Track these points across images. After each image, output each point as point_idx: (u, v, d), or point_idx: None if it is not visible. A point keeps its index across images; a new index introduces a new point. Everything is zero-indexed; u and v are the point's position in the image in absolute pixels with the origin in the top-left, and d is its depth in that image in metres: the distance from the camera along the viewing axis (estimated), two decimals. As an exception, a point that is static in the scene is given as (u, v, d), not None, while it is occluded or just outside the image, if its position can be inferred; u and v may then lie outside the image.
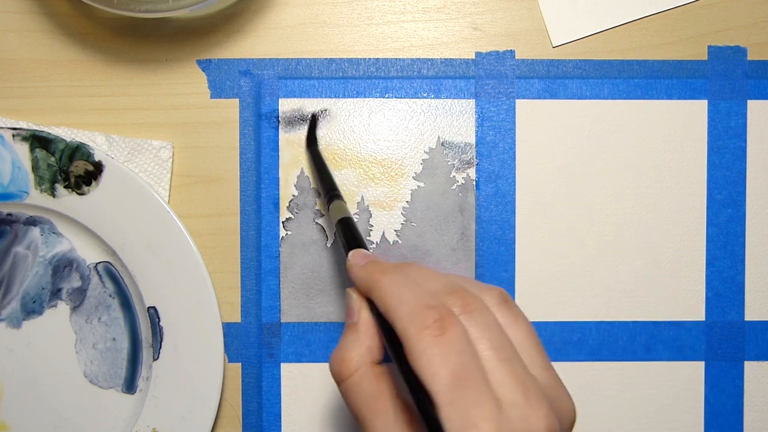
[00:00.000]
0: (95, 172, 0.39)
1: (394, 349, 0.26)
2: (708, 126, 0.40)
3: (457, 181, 0.40)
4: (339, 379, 0.28)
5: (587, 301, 0.40)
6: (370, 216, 0.40)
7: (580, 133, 0.40)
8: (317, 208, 0.40)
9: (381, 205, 0.40)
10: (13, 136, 0.39)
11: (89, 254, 0.40)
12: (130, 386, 0.40)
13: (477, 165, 0.40)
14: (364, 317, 0.29)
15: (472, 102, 0.40)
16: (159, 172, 0.40)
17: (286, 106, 0.40)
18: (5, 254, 0.40)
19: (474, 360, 0.25)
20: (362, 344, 0.28)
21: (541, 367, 0.27)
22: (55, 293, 0.40)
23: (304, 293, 0.40)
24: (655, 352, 0.40)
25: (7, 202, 0.39)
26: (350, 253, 0.31)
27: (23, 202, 0.39)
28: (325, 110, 0.40)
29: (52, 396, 0.40)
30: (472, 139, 0.40)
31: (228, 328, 0.40)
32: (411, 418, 0.27)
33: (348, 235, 0.33)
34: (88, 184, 0.39)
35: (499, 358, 0.26)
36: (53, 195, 0.39)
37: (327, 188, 0.37)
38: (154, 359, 0.39)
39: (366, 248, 0.32)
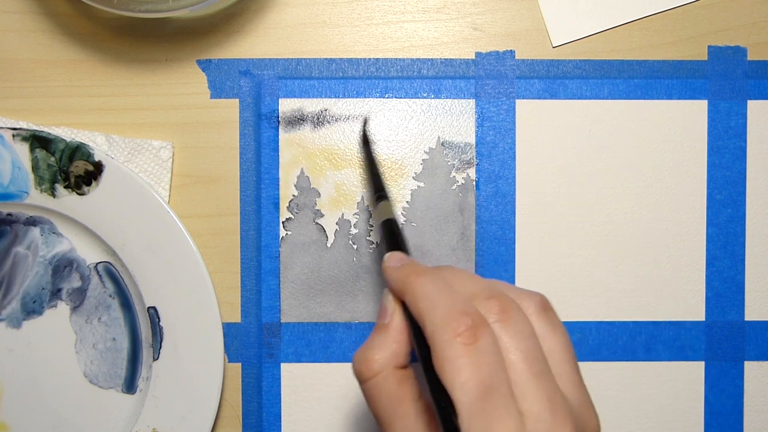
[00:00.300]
0: (95, 172, 0.39)
1: (422, 354, 0.26)
2: (708, 126, 0.40)
3: (457, 181, 0.40)
4: (361, 378, 0.28)
5: (587, 301, 0.40)
6: (370, 216, 0.40)
7: (580, 133, 0.40)
8: (317, 208, 0.40)
9: (381, 205, 0.40)
10: (13, 136, 0.39)
11: (89, 254, 0.40)
12: (130, 386, 0.40)
13: (477, 165, 0.40)
14: (396, 320, 0.28)
15: (472, 102, 0.40)
16: (159, 172, 0.40)
17: (286, 106, 0.40)
18: (5, 254, 0.40)
19: (502, 371, 0.25)
20: (388, 348, 0.28)
21: (572, 383, 0.27)
22: (55, 293, 0.40)
23: (304, 293, 0.40)
24: (655, 352, 0.40)
25: (7, 202, 0.39)
26: (387, 255, 0.31)
27: (23, 202, 0.39)
28: (325, 110, 0.40)
29: (52, 396, 0.40)
30: (472, 139, 0.40)
31: (228, 328, 0.40)
32: (431, 421, 0.27)
33: (390, 237, 0.33)
34: (88, 184, 0.39)
35: (530, 371, 0.25)
36: (53, 195, 0.39)
37: (376, 188, 0.37)
38: (154, 359, 0.39)
39: (407, 252, 0.31)
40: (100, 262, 0.40)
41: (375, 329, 0.29)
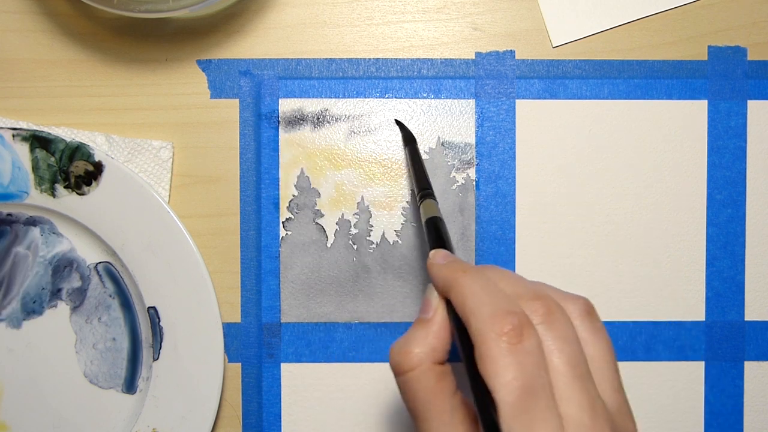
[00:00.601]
0: (95, 172, 0.39)
1: (465, 351, 0.26)
2: (708, 126, 0.40)
3: (457, 181, 0.40)
4: (398, 371, 0.28)
5: (587, 301, 0.40)
6: (370, 216, 0.40)
7: (580, 133, 0.40)
8: (317, 208, 0.40)
9: (381, 205, 0.40)
10: (13, 136, 0.39)
11: (89, 254, 0.40)
12: (130, 386, 0.40)
13: (477, 165, 0.40)
14: (439, 317, 0.28)
15: (472, 102, 0.40)
16: (159, 172, 0.40)
17: (286, 106, 0.40)
18: (5, 254, 0.40)
19: (545, 374, 0.25)
20: (429, 343, 0.28)
21: (612, 389, 0.27)
22: (55, 293, 0.40)
23: (304, 293, 0.40)
24: (655, 352, 0.40)
25: (7, 202, 0.39)
26: (432, 252, 0.31)
27: (23, 202, 0.39)
28: (325, 110, 0.40)
29: (52, 396, 0.40)
30: (472, 139, 0.40)
31: (228, 328, 0.40)
32: (466, 416, 0.27)
33: (434, 235, 0.33)
34: (88, 184, 0.39)
35: (572, 375, 0.25)
36: (53, 195, 0.39)
37: (421, 187, 0.36)
38: (154, 359, 0.39)
39: (451, 250, 0.31)
40: (100, 262, 0.40)
41: (416, 323, 0.29)
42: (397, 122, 0.40)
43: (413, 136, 0.39)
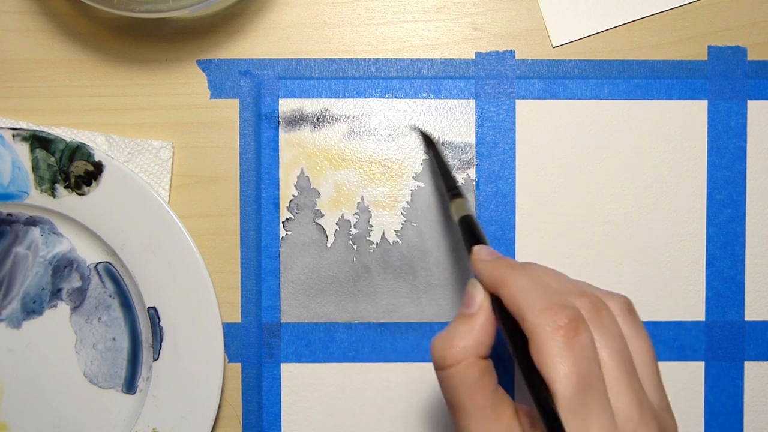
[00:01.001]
0: (95, 172, 0.39)
1: (516, 345, 0.26)
2: (708, 126, 0.40)
3: (457, 181, 0.40)
4: (441, 365, 0.28)
5: (587, 301, 0.40)
6: (370, 216, 0.40)
7: (580, 133, 0.40)
8: (317, 208, 0.40)
9: (381, 205, 0.40)
10: (13, 136, 0.39)
11: (89, 254, 0.40)
12: (130, 386, 0.40)
13: (477, 165, 0.40)
14: (485, 311, 0.28)
15: (472, 102, 0.40)
16: (159, 172, 0.40)
17: (286, 106, 0.40)
18: (5, 254, 0.40)
19: (598, 368, 0.25)
20: (474, 337, 0.28)
21: (654, 387, 0.27)
22: (55, 293, 0.40)
23: (304, 293, 0.40)
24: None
25: (7, 202, 0.39)
26: (476, 248, 0.31)
27: (23, 203, 0.39)
28: (326, 110, 0.40)
29: (52, 396, 0.40)
30: (472, 139, 0.40)
31: (228, 328, 0.40)
32: (506, 411, 0.27)
33: (470, 232, 0.33)
34: (88, 184, 0.39)
35: (621, 370, 0.26)
36: (53, 195, 0.39)
37: (449, 187, 0.37)
38: (154, 359, 0.39)
39: (487, 245, 0.32)
40: (100, 262, 0.40)
41: (459, 318, 0.29)
42: (416, 129, 0.40)
43: (432, 138, 0.39)
